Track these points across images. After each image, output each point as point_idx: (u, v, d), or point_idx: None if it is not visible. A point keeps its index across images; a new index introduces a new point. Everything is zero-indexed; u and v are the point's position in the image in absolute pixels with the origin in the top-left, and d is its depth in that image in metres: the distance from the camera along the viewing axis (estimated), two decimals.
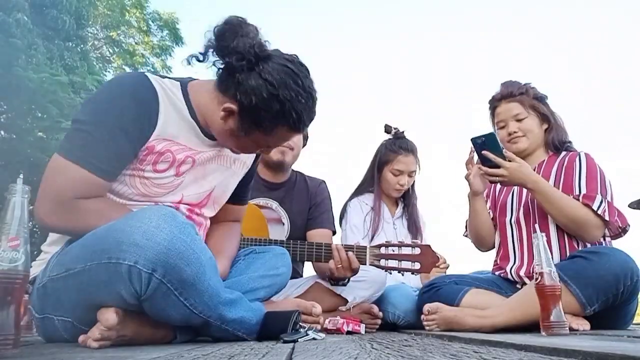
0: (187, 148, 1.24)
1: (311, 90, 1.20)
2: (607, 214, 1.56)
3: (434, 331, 1.48)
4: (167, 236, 0.96)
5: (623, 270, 1.37)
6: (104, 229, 1.02)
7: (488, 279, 1.79)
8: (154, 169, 1.19)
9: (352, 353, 0.78)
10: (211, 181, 1.33)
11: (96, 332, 0.98)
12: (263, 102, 1.14)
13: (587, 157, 1.73)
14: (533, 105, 1.81)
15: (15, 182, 0.85)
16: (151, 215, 0.98)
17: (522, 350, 0.82)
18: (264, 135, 1.22)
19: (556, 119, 1.84)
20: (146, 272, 0.95)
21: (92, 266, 0.99)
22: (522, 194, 1.80)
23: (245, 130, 1.20)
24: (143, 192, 1.19)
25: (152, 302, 1.00)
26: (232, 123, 1.21)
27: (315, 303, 1.49)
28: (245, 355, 0.76)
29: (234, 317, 1.10)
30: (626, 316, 1.53)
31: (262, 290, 1.32)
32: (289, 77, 1.15)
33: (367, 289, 1.91)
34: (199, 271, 1.00)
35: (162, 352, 0.86)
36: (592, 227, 1.58)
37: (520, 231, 1.77)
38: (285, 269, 1.43)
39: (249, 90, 1.14)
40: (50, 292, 1.08)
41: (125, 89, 1.16)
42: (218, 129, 1.24)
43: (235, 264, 1.40)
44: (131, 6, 11.56)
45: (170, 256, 0.96)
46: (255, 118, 1.18)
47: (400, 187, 2.36)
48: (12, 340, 0.80)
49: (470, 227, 1.90)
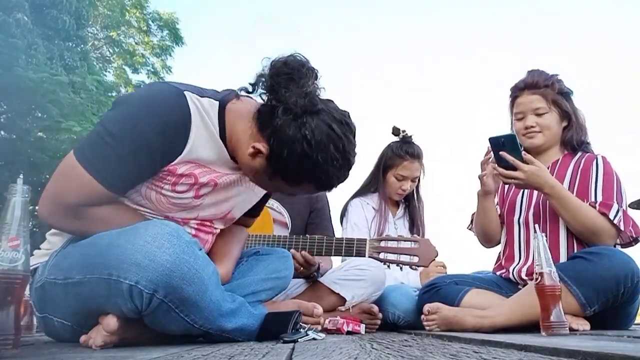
0: (212, 170, 1.17)
1: (349, 156, 1.12)
2: (622, 224, 1.55)
3: (434, 331, 1.48)
4: (169, 257, 0.94)
5: (624, 271, 1.36)
6: (106, 243, 1.00)
7: (488, 279, 1.78)
8: (173, 189, 1.13)
9: (352, 353, 0.78)
10: (231, 203, 1.29)
11: (99, 338, 0.98)
12: (295, 156, 1.07)
13: (604, 162, 1.69)
14: (556, 100, 1.73)
15: (15, 182, 0.85)
16: (155, 234, 0.96)
17: (522, 350, 0.82)
18: (288, 186, 1.16)
19: (578, 117, 1.77)
20: (147, 293, 0.94)
21: (92, 279, 0.98)
22: (533, 194, 1.76)
23: (270, 176, 1.14)
24: (157, 207, 1.15)
25: (153, 317, 0.99)
26: (258, 163, 1.13)
27: (316, 304, 1.49)
28: (245, 355, 0.76)
29: (234, 326, 1.09)
30: (627, 317, 1.52)
31: (263, 293, 1.32)
32: (331, 141, 1.07)
33: (365, 287, 1.90)
34: (200, 290, 0.99)
35: (162, 352, 0.86)
36: (606, 236, 1.56)
37: (527, 231, 1.74)
38: (287, 272, 1.43)
39: (284, 139, 1.07)
40: (49, 294, 1.08)
41: (159, 107, 1.07)
42: (244, 162, 1.17)
43: (239, 265, 1.39)
44: (131, 6, 11.56)
45: (172, 277, 0.94)
46: (282, 168, 1.11)
47: (402, 191, 2.35)
48: (12, 340, 0.80)
49: (477, 223, 1.87)
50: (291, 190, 1.20)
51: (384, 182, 2.38)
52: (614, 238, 1.58)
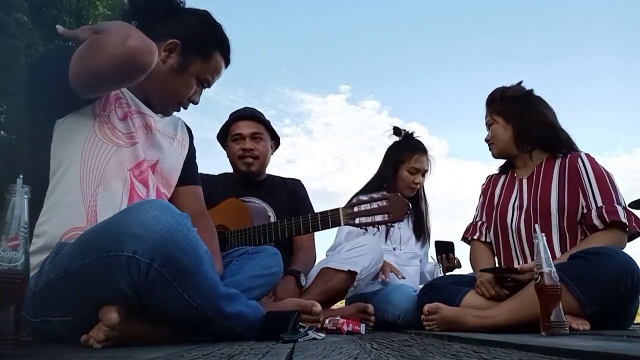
0: (139, 111, 1.34)
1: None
2: (633, 223, 1.56)
3: (434, 331, 1.48)
4: (164, 226, 0.98)
5: (624, 270, 1.36)
6: (101, 226, 1.04)
7: None
8: (116, 115, 1.26)
9: (352, 353, 0.78)
10: (155, 153, 1.37)
11: (100, 334, 0.98)
12: (201, 29, 1.35)
13: (590, 160, 1.70)
14: (499, 110, 1.86)
15: (15, 182, 0.85)
16: (147, 207, 1.00)
17: (522, 350, 0.82)
18: (202, 64, 1.36)
19: (530, 114, 1.80)
20: (145, 262, 0.96)
21: (91, 262, 1.00)
22: (523, 200, 1.78)
23: (185, 64, 1.34)
24: (112, 139, 1.24)
25: (151, 294, 1.00)
26: (172, 60, 1.33)
27: (315, 302, 1.49)
28: (245, 355, 0.76)
29: (233, 311, 1.11)
30: (627, 316, 1.53)
31: (257, 290, 1.35)
32: (207, 14, 1.40)
33: (370, 259, 2.01)
34: (196, 262, 1.01)
35: (162, 352, 0.86)
36: (623, 244, 1.59)
37: (520, 237, 1.76)
38: (277, 269, 1.47)
39: (185, 24, 1.34)
40: (48, 295, 1.08)
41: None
42: (155, 81, 1.31)
43: (229, 266, 1.42)
44: None
45: (168, 246, 0.97)
46: (198, 47, 1.34)
47: (415, 185, 2.39)
48: (12, 340, 0.80)
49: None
50: (206, 72, 1.39)
51: (397, 177, 2.40)
52: (625, 238, 1.60)
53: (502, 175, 1.96)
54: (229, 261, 1.45)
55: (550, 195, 1.71)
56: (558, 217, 1.68)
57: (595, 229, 1.60)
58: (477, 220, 1.98)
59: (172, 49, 1.33)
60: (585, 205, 1.64)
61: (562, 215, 1.67)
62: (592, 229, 1.61)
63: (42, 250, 1.14)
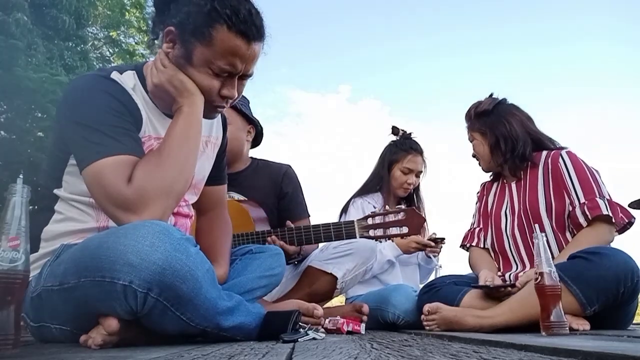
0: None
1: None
2: (616, 214, 1.57)
3: (434, 331, 1.48)
4: (162, 255, 0.93)
5: (624, 270, 1.37)
6: (95, 246, 0.98)
7: None
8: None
9: (352, 353, 0.78)
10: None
11: (99, 338, 0.97)
12: (189, 6, 1.14)
13: (571, 157, 1.72)
14: (474, 127, 1.89)
15: (15, 182, 0.85)
16: (145, 233, 0.94)
17: (522, 350, 0.82)
18: (206, 48, 1.14)
19: (499, 128, 1.82)
20: (141, 292, 0.93)
21: (86, 282, 0.97)
22: (514, 205, 1.81)
23: (188, 54, 1.15)
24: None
25: (149, 318, 0.98)
26: (176, 52, 1.18)
27: (317, 305, 1.49)
28: (245, 355, 0.76)
29: (232, 324, 1.08)
30: (626, 316, 1.53)
31: (259, 290, 1.35)
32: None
33: (355, 260, 1.95)
34: (195, 287, 0.97)
35: (162, 352, 0.86)
36: (611, 235, 1.60)
37: (515, 240, 1.77)
38: (280, 269, 1.46)
39: (178, 8, 1.17)
40: (46, 302, 1.07)
41: (96, 84, 1.15)
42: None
43: (233, 264, 1.41)
44: (131, 6, 11.55)
45: (166, 275, 0.93)
46: (192, 29, 1.14)
47: (407, 185, 2.39)
48: (12, 340, 0.80)
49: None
50: (215, 55, 1.15)
51: (390, 177, 2.41)
52: (613, 231, 1.61)
53: (494, 183, 1.98)
54: (233, 259, 1.44)
55: (538, 197, 1.73)
56: (548, 219, 1.70)
57: (581, 227, 1.62)
58: (474, 227, 1.99)
59: (171, 39, 1.18)
60: (570, 203, 1.66)
61: (551, 216, 1.69)
62: (579, 226, 1.63)
63: (48, 255, 1.14)
